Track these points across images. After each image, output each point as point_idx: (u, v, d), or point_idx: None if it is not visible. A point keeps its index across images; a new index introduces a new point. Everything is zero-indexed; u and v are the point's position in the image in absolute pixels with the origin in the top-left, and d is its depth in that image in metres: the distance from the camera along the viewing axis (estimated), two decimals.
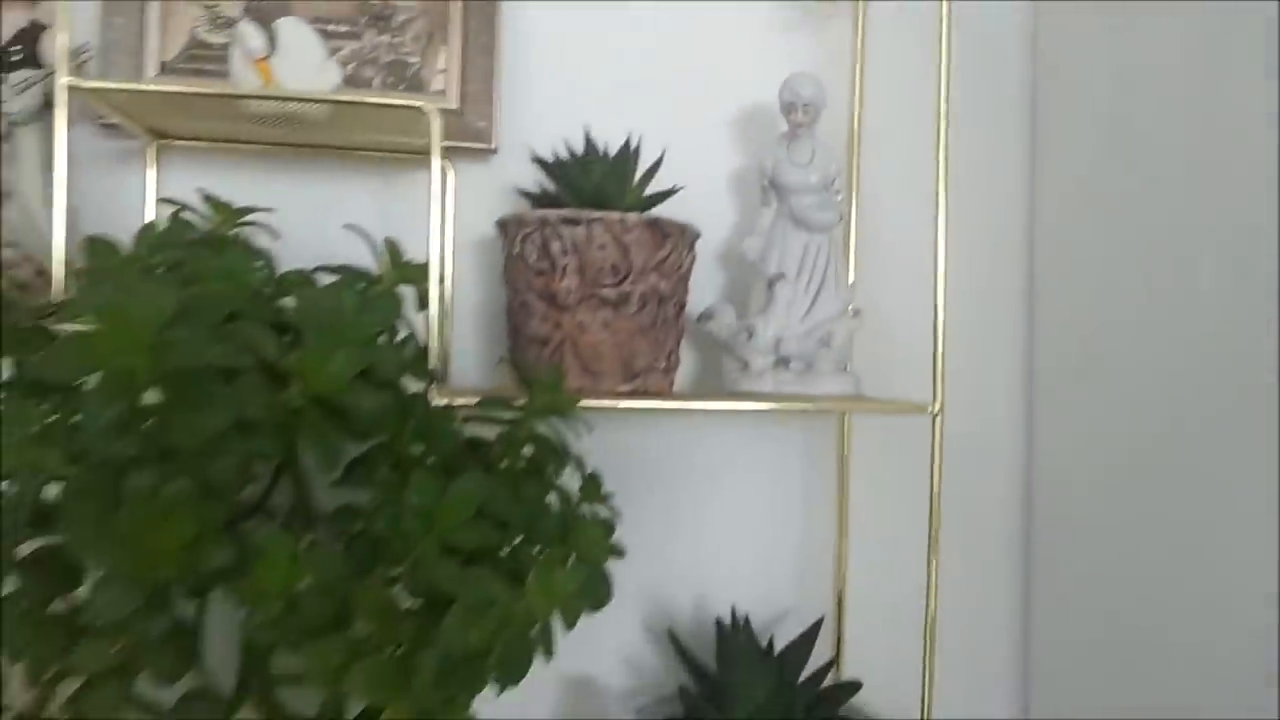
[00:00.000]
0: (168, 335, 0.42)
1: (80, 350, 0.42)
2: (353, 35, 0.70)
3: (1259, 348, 0.60)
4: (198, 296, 0.44)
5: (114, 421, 0.42)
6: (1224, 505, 0.62)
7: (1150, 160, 0.69)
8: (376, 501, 0.51)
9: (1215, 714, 0.62)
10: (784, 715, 0.67)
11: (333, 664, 0.45)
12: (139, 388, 0.42)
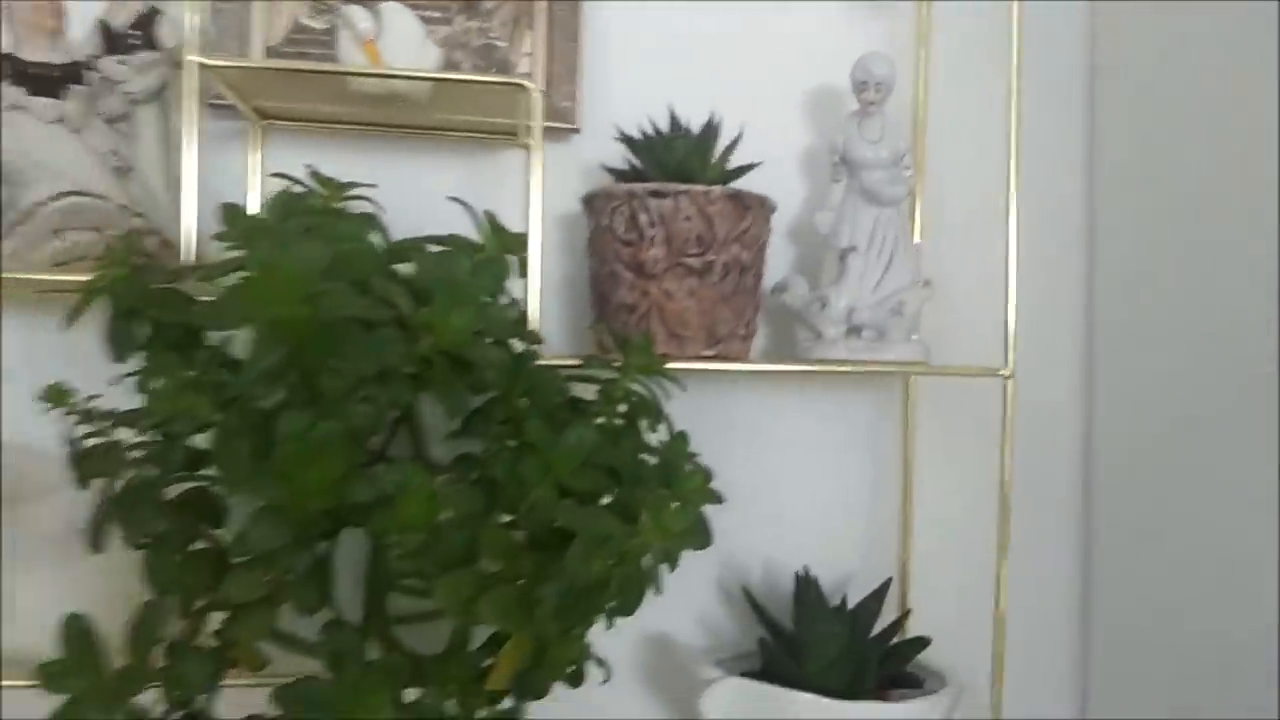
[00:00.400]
0: (321, 288, 0.46)
1: (243, 301, 0.45)
2: (444, 20, 0.73)
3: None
4: (345, 253, 0.48)
5: (272, 368, 0.45)
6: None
7: (1207, 129, 0.72)
8: (492, 450, 0.54)
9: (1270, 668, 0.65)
10: (857, 668, 0.70)
11: (464, 595, 0.49)
12: (295, 336, 0.46)
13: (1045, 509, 0.85)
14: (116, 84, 0.65)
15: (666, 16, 0.79)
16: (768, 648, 0.71)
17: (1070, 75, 0.86)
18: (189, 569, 0.51)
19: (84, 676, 0.46)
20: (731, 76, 0.80)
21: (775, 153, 0.79)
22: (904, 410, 0.81)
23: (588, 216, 0.72)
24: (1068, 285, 0.86)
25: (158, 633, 0.48)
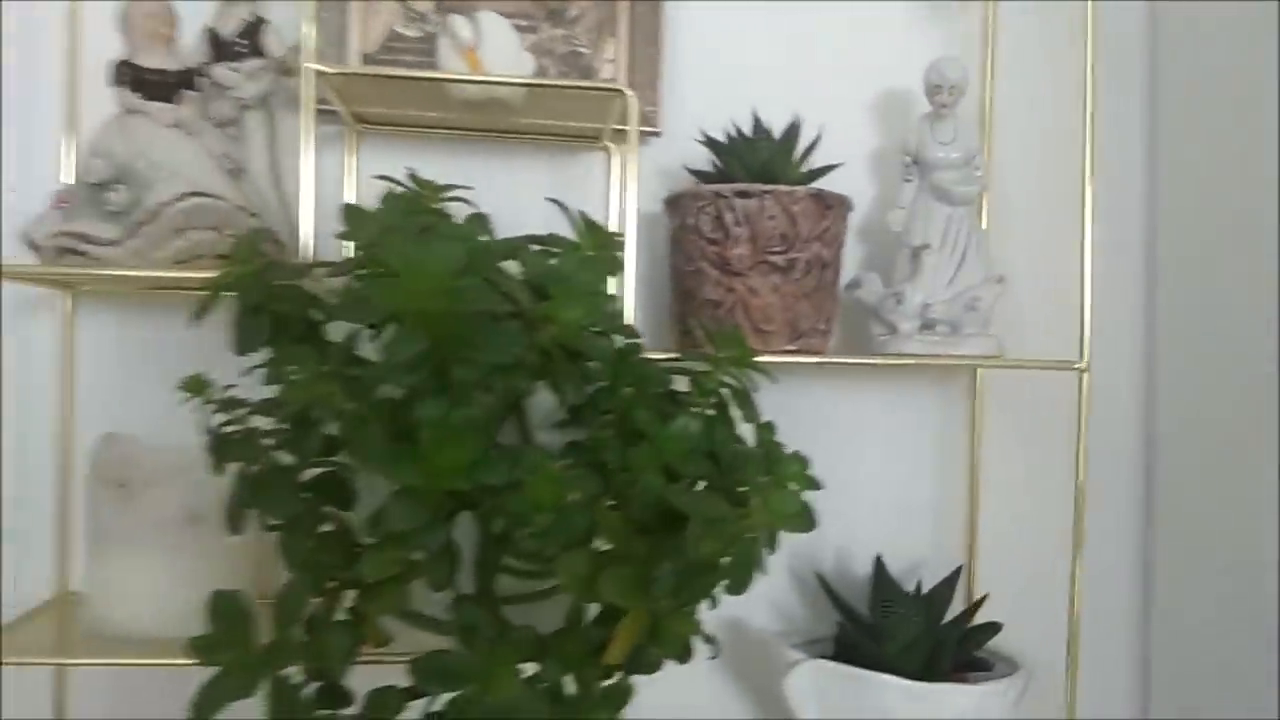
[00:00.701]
0: (458, 283, 0.48)
1: (385, 295, 0.48)
2: (531, 29, 0.76)
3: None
4: (476, 251, 0.51)
5: (413, 358, 0.48)
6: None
7: (1266, 123, 0.74)
8: (601, 438, 0.57)
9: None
10: (933, 651, 0.73)
11: (583, 573, 0.52)
12: (433, 329, 0.49)
13: (1108, 501, 0.87)
14: (227, 90, 0.68)
15: (743, 23, 0.82)
16: (846, 631, 0.74)
17: (1132, 71, 0.88)
18: (322, 549, 0.53)
19: (233, 650, 0.49)
20: (802, 79, 0.82)
21: (845, 152, 0.81)
22: (972, 402, 0.83)
23: (670, 216, 0.74)
24: (1130, 279, 0.88)
25: (300, 609, 0.50)
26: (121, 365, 0.76)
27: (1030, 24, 0.85)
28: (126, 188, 0.62)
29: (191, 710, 0.48)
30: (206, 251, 0.64)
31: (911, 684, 0.69)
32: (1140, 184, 0.88)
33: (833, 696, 0.71)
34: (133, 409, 0.76)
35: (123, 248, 0.61)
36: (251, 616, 0.50)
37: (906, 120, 0.82)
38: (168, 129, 0.65)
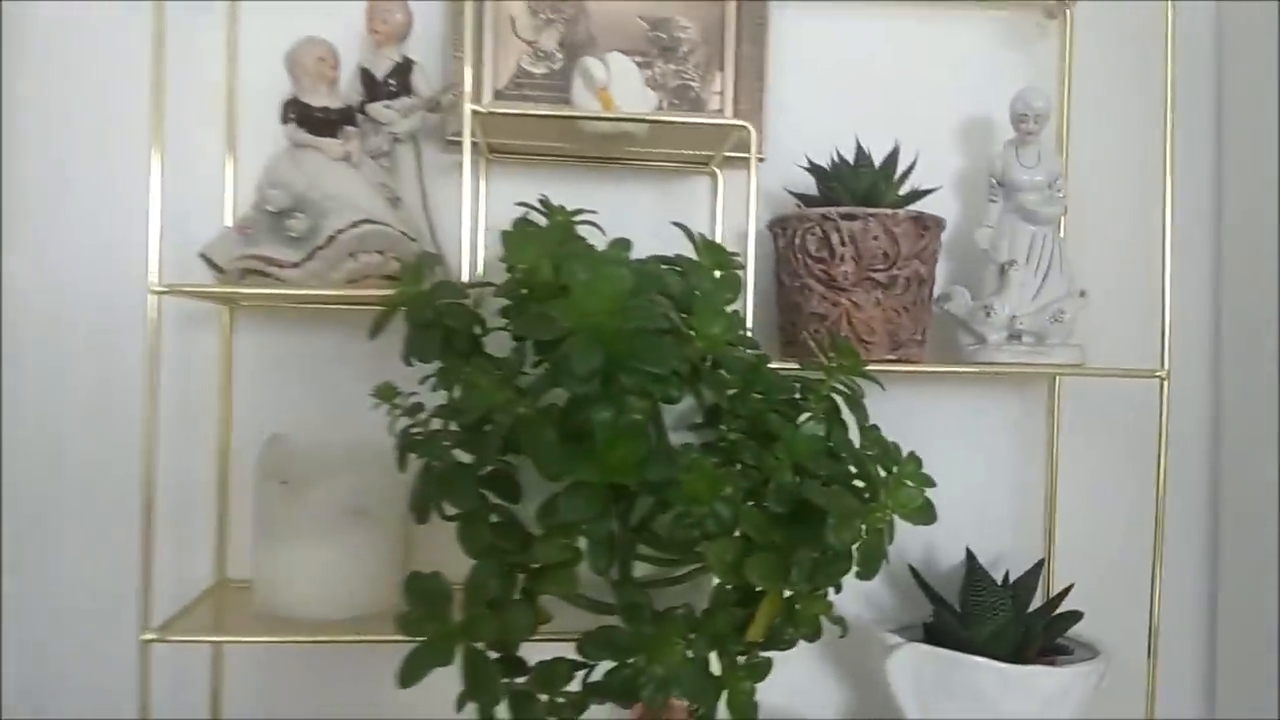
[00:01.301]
0: (629, 303, 0.55)
1: (565, 313, 0.55)
2: (646, 65, 0.83)
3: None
4: (641, 275, 0.58)
5: (594, 369, 0.55)
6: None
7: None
8: (734, 440, 0.64)
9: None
10: (1022, 637, 0.79)
11: (730, 559, 0.58)
12: (606, 343, 0.55)
13: (1176, 500, 0.92)
14: (382, 125, 0.76)
15: (834, 58, 0.89)
16: (941, 618, 0.80)
17: (1200, 91, 0.94)
18: (499, 537, 0.60)
19: (434, 624, 0.56)
20: (891, 108, 0.89)
21: (931, 174, 0.88)
22: (1051, 408, 0.89)
23: (775, 236, 0.81)
24: (1200, 291, 0.93)
25: (487, 590, 0.57)
26: (274, 372, 0.84)
27: (1104, 50, 0.90)
28: (305, 216, 0.69)
29: (398, 677, 0.55)
30: (374, 273, 0.71)
31: (1004, 666, 0.75)
32: (1209, 199, 0.94)
33: (928, 678, 0.78)
34: (283, 412, 0.83)
35: (302, 270, 0.69)
36: (449, 595, 0.57)
37: (987, 144, 0.89)
38: (336, 162, 0.72)
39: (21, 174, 0.82)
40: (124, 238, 0.82)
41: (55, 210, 0.82)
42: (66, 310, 0.82)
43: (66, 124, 0.82)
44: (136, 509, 0.72)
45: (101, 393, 0.82)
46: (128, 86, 0.82)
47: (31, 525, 0.82)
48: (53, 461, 0.82)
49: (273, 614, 0.74)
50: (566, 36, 0.83)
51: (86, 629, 0.83)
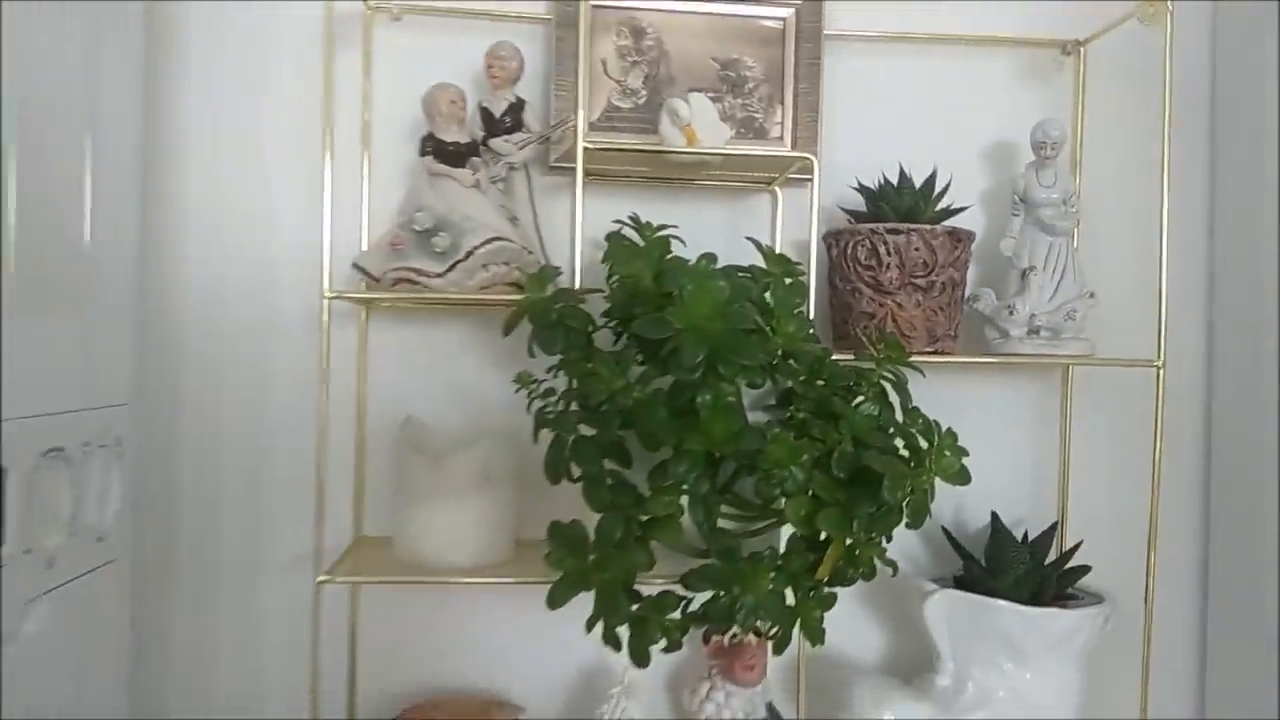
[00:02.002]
0: (729, 308, 0.70)
1: (678, 316, 0.70)
2: (717, 99, 0.97)
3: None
4: (736, 285, 0.72)
5: (698, 360, 0.69)
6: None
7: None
8: (802, 418, 0.78)
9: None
10: (1038, 585, 0.93)
11: (805, 513, 0.73)
12: (709, 340, 0.70)
13: (1172, 472, 1.06)
14: (501, 156, 0.90)
15: (879, 94, 1.03)
16: (970, 570, 0.95)
17: (1198, 117, 1.07)
18: (615, 495, 0.75)
19: (574, 560, 0.71)
20: (928, 136, 1.02)
21: (961, 190, 1.01)
22: (1065, 393, 1.03)
23: (829, 247, 0.95)
24: (1195, 291, 1.07)
25: (614, 536, 0.72)
26: (404, 363, 0.99)
27: (1113, 82, 1.04)
28: (447, 234, 0.84)
29: (548, 599, 0.71)
30: (501, 280, 0.86)
31: (1024, 608, 0.90)
32: (1204, 212, 1.07)
33: (960, 619, 0.92)
34: (413, 396, 0.98)
35: (445, 279, 0.84)
36: (585, 539, 0.72)
37: (1011, 165, 1.02)
38: (468, 189, 0.87)
39: (189, 197, 0.97)
40: (278, 252, 0.97)
41: (214, 227, 0.97)
42: (228, 312, 0.97)
43: (226, 151, 0.98)
44: (276, 480, 0.88)
45: (257, 382, 0.98)
46: (277, 120, 0.97)
47: (201, 498, 0.98)
48: (220, 443, 0.98)
49: (414, 562, 0.89)
50: (649, 76, 0.98)
51: (240, 577, 0.98)
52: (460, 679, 0.99)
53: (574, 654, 1.01)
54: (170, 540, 0.97)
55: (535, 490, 0.86)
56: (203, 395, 0.97)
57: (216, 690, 0.98)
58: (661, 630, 0.74)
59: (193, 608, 0.97)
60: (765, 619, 0.74)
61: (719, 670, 0.93)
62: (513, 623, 1.00)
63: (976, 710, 0.91)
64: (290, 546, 0.97)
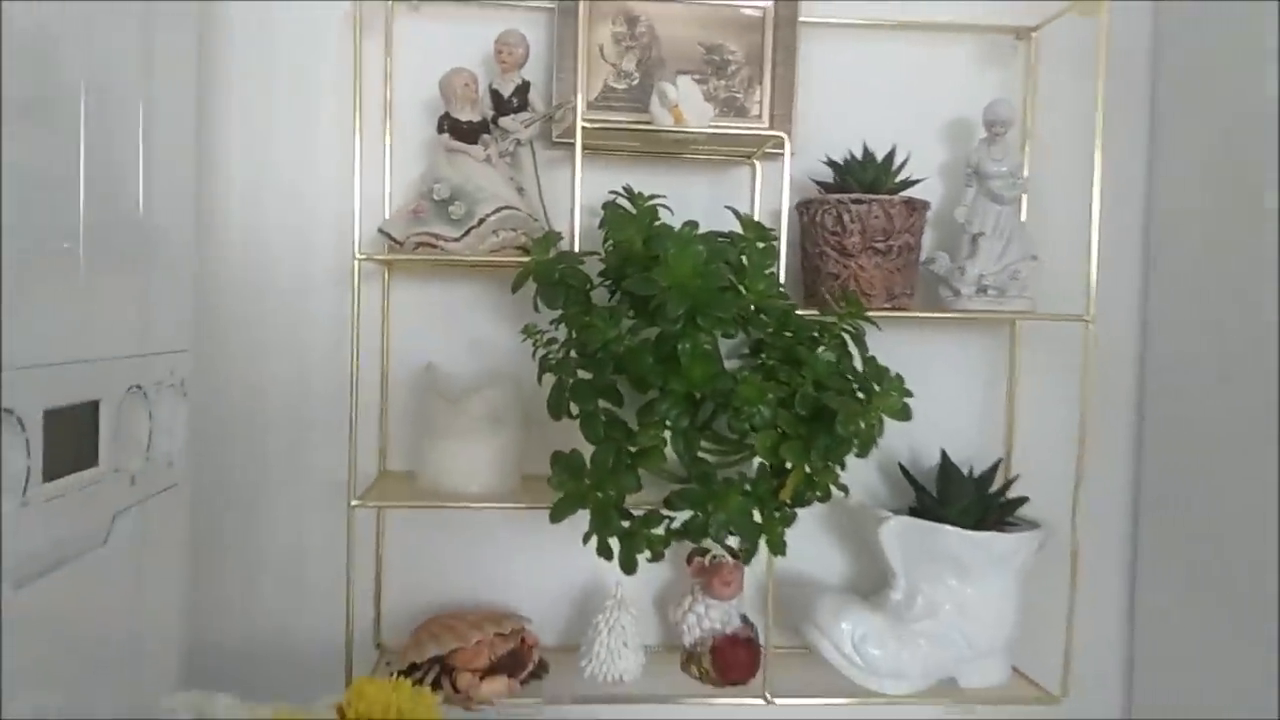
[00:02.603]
0: (706, 271, 0.82)
1: (663, 275, 0.82)
2: (702, 81, 1.08)
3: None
4: (713, 248, 0.84)
5: (680, 313, 0.81)
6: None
7: (1248, 137, 1.04)
8: (772, 364, 0.90)
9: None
10: (981, 513, 1.06)
11: (772, 444, 0.85)
12: (689, 296, 0.82)
13: (1108, 416, 1.19)
14: (510, 133, 1.01)
15: (847, 76, 1.13)
16: (922, 500, 1.08)
17: (1139, 94, 1.18)
18: (609, 430, 0.88)
19: (574, 483, 0.84)
20: (893, 113, 1.13)
21: (922, 163, 1.12)
22: (1011, 345, 1.15)
23: (801, 214, 1.07)
24: (1131, 256, 1.19)
25: (607, 463, 0.85)
26: (416, 315, 1.11)
27: (1061, 65, 1.14)
28: (462, 203, 0.95)
29: (551, 515, 0.84)
30: (509, 245, 0.97)
31: (968, 532, 1.02)
32: (1142, 182, 1.19)
33: (912, 542, 1.05)
34: (431, 346, 1.10)
35: (460, 243, 0.95)
36: (583, 466, 0.84)
37: (967, 141, 1.13)
38: (480, 163, 0.98)
39: (237, 171, 1.09)
40: (314, 219, 1.09)
41: (256, 196, 1.09)
42: (272, 271, 1.09)
43: (266, 129, 1.09)
44: (313, 418, 1.01)
45: (296, 333, 1.10)
46: (312, 101, 1.09)
47: (249, 433, 1.11)
48: (265, 385, 1.10)
49: (434, 491, 1.02)
50: (642, 60, 1.08)
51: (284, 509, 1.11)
52: (473, 595, 1.13)
53: (573, 574, 1.14)
54: (222, 470, 1.10)
55: (539, 428, 0.99)
56: (250, 343, 1.10)
57: (260, 603, 1.11)
58: (647, 543, 0.87)
59: (240, 529, 1.11)
60: (735, 533, 0.87)
61: (700, 587, 1.07)
62: (519, 546, 1.13)
63: (924, 620, 1.05)
64: (325, 476, 1.10)
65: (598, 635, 1.04)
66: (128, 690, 0.82)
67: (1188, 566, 1.11)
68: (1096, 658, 1.19)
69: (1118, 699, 1.22)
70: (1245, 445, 1.02)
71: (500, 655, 1.01)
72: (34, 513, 0.62)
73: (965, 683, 1.06)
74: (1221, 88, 1.07)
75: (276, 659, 1.11)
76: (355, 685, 0.84)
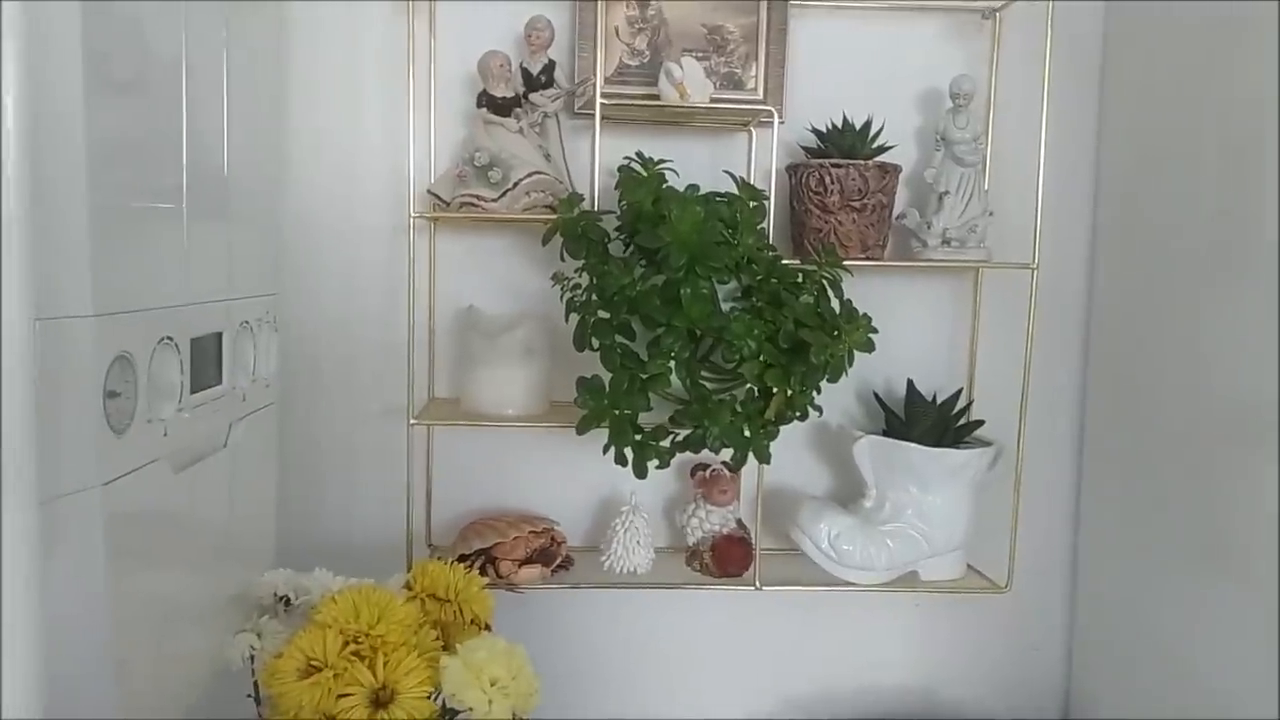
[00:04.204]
0: (704, 227, 0.99)
1: (668, 231, 0.99)
2: (705, 58, 1.24)
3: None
4: (712, 207, 1.01)
5: (681, 264, 0.99)
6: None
7: (1191, 114, 1.19)
8: (760, 306, 1.08)
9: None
10: (942, 433, 1.24)
11: (758, 372, 1.03)
12: (691, 248, 0.99)
13: (1057, 351, 1.36)
14: (538, 107, 1.18)
15: (832, 51, 1.28)
16: (890, 423, 1.26)
17: (1090, 71, 1.33)
18: (624, 360, 1.06)
19: (594, 402, 1.03)
20: (872, 83, 1.28)
21: (897, 131, 1.28)
22: (974, 290, 1.32)
23: (790, 176, 1.23)
24: (1079, 210, 1.35)
25: (622, 386, 1.03)
26: (458, 264, 1.29)
27: (1024, 41, 1.29)
28: (499, 169, 1.13)
29: (578, 427, 1.02)
30: (539, 204, 1.15)
31: (928, 448, 1.21)
32: (1091, 149, 1.34)
33: (881, 457, 1.24)
34: (472, 289, 1.29)
35: (498, 203, 1.13)
36: (603, 388, 1.03)
37: (938, 109, 1.29)
38: (514, 134, 1.15)
39: (310, 139, 1.26)
40: (373, 181, 1.27)
41: (321, 163, 1.27)
42: (339, 226, 1.28)
43: (331, 104, 1.26)
44: (374, 351, 1.21)
45: (359, 279, 1.29)
46: (370, 78, 1.25)
47: (323, 364, 1.30)
48: (336, 323, 1.29)
49: (476, 413, 1.21)
50: (652, 40, 1.24)
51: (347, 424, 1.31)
52: (509, 502, 1.33)
53: (594, 485, 1.34)
54: (303, 394, 1.29)
55: (565, 360, 1.17)
56: (323, 288, 1.29)
57: (329, 505, 1.32)
58: (655, 454, 1.06)
59: (316, 443, 1.31)
60: (728, 445, 1.06)
61: (702, 496, 1.26)
62: (549, 460, 1.32)
63: (891, 522, 1.24)
64: (383, 399, 1.29)
65: (615, 535, 1.24)
66: (235, 566, 1.03)
67: (1126, 478, 1.29)
68: (1045, 557, 1.39)
69: (1063, 592, 1.42)
70: (1178, 371, 1.19)
71: (534, 549, 1.21)
72: (186, 416, 0.82)
73: (925, 575, 1.26)
74: (1166, 65, 1.22)
75: (342, 554, 1.32)
76: (419, 564, 1.04)
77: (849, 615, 1.37)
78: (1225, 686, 1.08)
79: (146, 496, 0.77)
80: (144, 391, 0.75)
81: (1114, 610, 1.31)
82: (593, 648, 1.36)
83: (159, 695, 0.85)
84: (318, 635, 0.89)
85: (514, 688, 0.90)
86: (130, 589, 0.76)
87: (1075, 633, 1.41)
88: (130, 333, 0.73)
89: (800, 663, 1.40)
